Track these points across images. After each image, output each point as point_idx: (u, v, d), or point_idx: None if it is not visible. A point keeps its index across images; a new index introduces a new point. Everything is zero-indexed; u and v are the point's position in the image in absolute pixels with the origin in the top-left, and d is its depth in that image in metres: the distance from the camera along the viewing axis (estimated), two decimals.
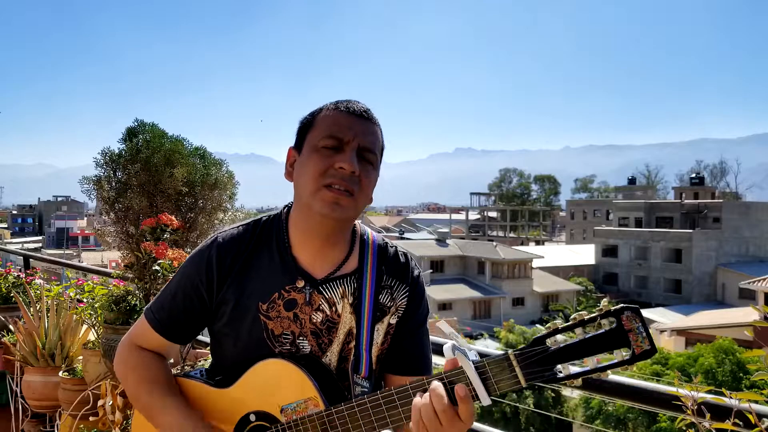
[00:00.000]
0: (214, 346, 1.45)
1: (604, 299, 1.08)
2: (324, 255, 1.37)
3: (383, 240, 1.48)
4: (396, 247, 1.47)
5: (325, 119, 1.33)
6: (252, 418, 1.33)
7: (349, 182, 1.28)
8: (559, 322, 1.09)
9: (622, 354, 1.03)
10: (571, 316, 1.07)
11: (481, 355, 1.18)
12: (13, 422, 3.23)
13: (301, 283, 1.34)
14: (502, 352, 1.11)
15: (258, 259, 1.37)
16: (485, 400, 1.09)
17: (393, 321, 1.41)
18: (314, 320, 1.34)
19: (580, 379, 1.05)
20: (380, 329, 1.38)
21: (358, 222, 1.46)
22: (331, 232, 1.35)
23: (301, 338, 1.34)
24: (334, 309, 1.35)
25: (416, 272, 1.47)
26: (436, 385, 1.11)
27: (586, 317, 1.05)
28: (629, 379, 1.68)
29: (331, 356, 1.35)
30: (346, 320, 1.36)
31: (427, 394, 1.12)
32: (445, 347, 1.12)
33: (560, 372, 1.06)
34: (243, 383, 1.33)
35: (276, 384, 1.30)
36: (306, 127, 1.36)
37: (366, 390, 1.32)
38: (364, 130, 1.32)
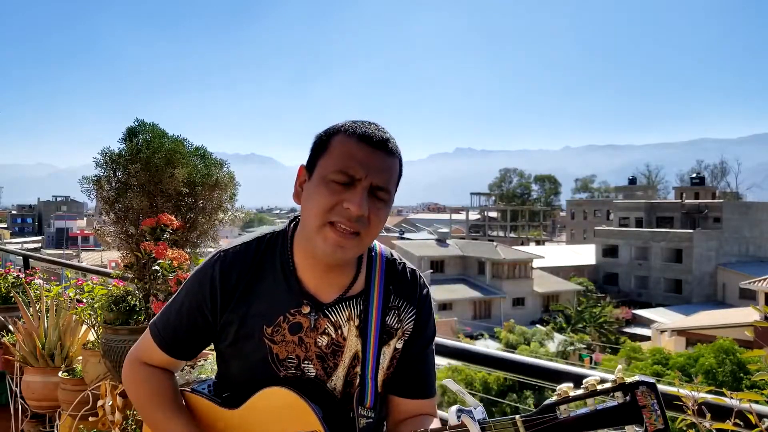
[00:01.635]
0: (218, 363, 1.44)
1: (618, 368, 1.04)
2: (330, 280, 1.33)
3: (391, 254, 1.42)
4: (404, 263, 1.43)
5: (340, 148, 1.23)
6: None
7: (356, 223, 1.21)
8: (571, 388, 1.04)
9: (634, 430, 0.99)
10: (583, 384, 1.02)
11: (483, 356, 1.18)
12: (12, 422, 3.23)
13: (306, 309, 1.31)
14: (510, 417, 1.07)
15: (262, 279, 1.33)
16: None
17: (399, 345, 1.37)
18: (319, 344, 1.31)
19: None
20: (386, 353, 1.35)
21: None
22: (336, 265, 1.31)
23: (306, 362, 1.31)
24: (339, 332, 1.32)
25: (425, 291, 1.42)
26: None
27: (599, 388, 1.01)
28: None
29: (336, 380, 1.33)
30: (352, 344, 1.33)
31: None
32: (449, 411, 1.10)
33: None
34: (248, 407, 1.31)
35: (280, 415, 1.28)
36: (319, 149, 1.27)
37: (371, 421, 1.31)
38: (379, 166, 1.23)
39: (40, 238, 70.31)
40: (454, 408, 1.11)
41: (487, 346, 24.79)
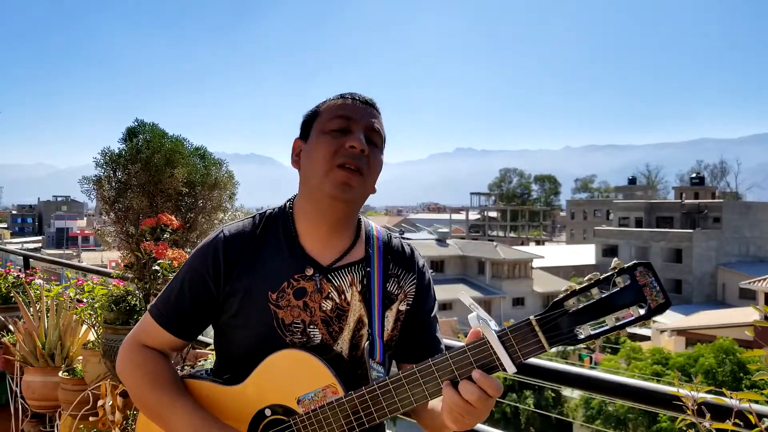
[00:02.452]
0: (219, 342, 1.43)
1: (615, 259, 1.09)
2: (331, 243, 1.38)
3: (387, 233, 1.49)
4: (400, 239, 1.50)
5: (331, 106, 1.37)
6: (267, 413, 1.30)
7: (359, 161, 1.31)
8: (575, 284, 1.08)
9: (639, 310, 1.04)
10: (586, 277, 1.08)
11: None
12: (13, 422, 3.23)
13: (310, 272, 1.34)
14: (524, 319, 1.12)
15: (265, 249, 1.37)
16: (510, 369, 1.11)
17: (402, 308, 1.42)
18: (324, 308, 1.34)
19: (600, 339, 1.07)
20: (390, 316, 1.40)
21: (362, 217, 1.48)
22: (340, 217, 1.36)
23: (311, 327, 1.33)
24: (343, 297, 1.35)
25: (421, 262, 1.48)
26: (465, 384, 1.13)
27: (601, 276, 1.06)
28: (629, 379, 1.68)
29: (342, 344, 1.35)
30: (356, 308, 1.36)
31: (456, 389, 1.14)
32: (470, 317, 1.13)
33: (581, 333, 1.07)
34: (255, 378, 1.31)
35: (290, 375, 1.28)
36: (311, 117, 1.39)
37: (381, 375, 1.33)
38: (369, 113, 1.36)
39: (40, 238, 70.28)
40: (473, 313, 1.13)
41: None
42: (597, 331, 1.06)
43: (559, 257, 47.04)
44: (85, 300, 2.81)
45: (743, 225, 44.28)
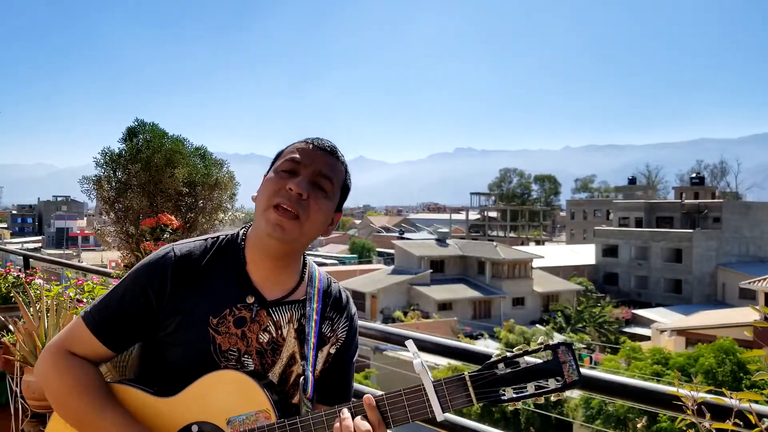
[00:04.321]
0: (146, 355, 1.43)
1: (542, 336, 1.25)
2: (275, 278, 1.42)
3: (327, 277, 1.55)
4: (338, 285, 1.56)
5: (290, 149, 1.41)
6: (194, 429, 1.30)
7: (296, 204, 1.33)
8: (506, 351, 1.24)
9: (556, 382, 1.18)
10: (515, 349, 1.23)
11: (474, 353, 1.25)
12: (12, 422, 3.23)
13: (251, 299, 1.38)
14: (459, 374, 1.23)
15: (213, 274, 1.39)
16: (439, 417, 1.20)
17: (332, 351, 1.48)
18: (261, 340, 1.38)
19: (520, 402, 1.21)
20: (320, 357, 1.45)
21: (310, 260, 1.54)
22: (280, 255, 1.40)
23: (246, 356, 1.36)
24: (280, 332, 1.40)
25: (353, 310, 1.56)
26: (358, 420, 1.22)
27: (529, 350, 1.21)
28: (629, 379, 1.68)
29: (273, 377, 1.39)
30: (290, 344, 1.41)
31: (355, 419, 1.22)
32: (415, 362, 1.23)
33: (504, 395, 1.20)
34: (188, 393, 1.30)
35: (225, 396, 1.29)
36: (277, 156, 1.44)
37: (309, 410, 1.37)
38: (324, 160, 1.39)
39: (40, 238, 70.30)
40: (418, 360, 1.23)
41: (487, 345, 24.78)
42: (519, 395, 1.19)
43: (559, 257, 47.02)
44: (85, 300, 2.81)
45: (743, 225, 44.28)
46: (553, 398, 1.19)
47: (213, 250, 1.42)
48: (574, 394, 19.40)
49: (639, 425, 16.74)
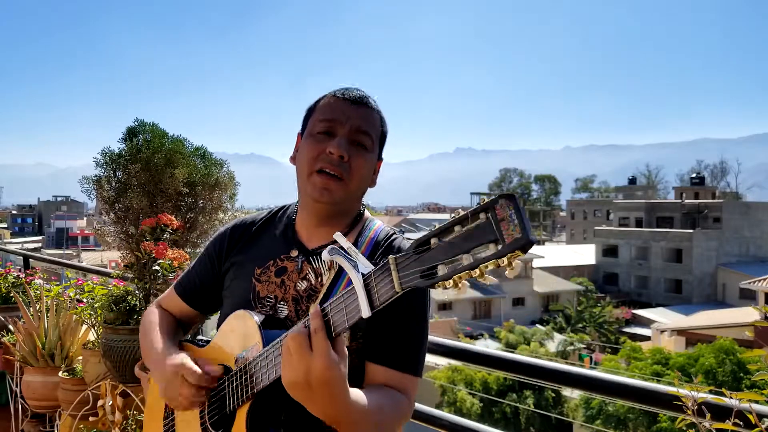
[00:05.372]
0: (220, 313, 1.51)
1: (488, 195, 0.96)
2: (320, 232, 1.43)
3: (391, 231, 1.43)
4: (404, 241, 1.41)
5: (322, 106, 1.40)
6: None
7: (338, 167, 1.33)
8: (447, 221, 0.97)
9: (496, 246, 0.90)
10: (451, 215, 0.96)
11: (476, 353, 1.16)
12: (12, 422, 3.23)
13: (294, 253, 1.42)
14: (384, 261, 1.02)
15: (265, 233, 1.50)
16: (365, 312, 1.01)
17: None
18: (298, 288, 1.38)
19: (451, 280, 0.93)
20: None
21: (369, 213, 1.47)
22: (327, 215, 1.41)
23: (281, 303, 1.38)
24: (319, 279, 1.38)
25: None
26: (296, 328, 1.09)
27: (464, 212, 0.94)
28: (629, 379, 1.68)
29: None
30: None
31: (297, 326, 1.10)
32: (324, 252, 1.09)
33: (437, 273, 0.95)
34: (215, 341, 1.39)
35: (234, 336, 1.33)
36: (308, 114, 1.43)
37: None
38: (358, 114, 1.37)
39: (40, 238, 70.29)
40: (328, 248, 1.08)
41: (487, 346, 24.78)
42: (451, 271, 0.93)
43: (559, 257, 47.00)
44: (85, 300, 2.81)
45: (743, 225, 44.27)
46: (491, 267, 0.91)
47: (268, 216, 1.53)
48: (574, 394, 19.39)
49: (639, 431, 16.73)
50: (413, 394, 1.32)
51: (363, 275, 1.03)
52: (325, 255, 1.09)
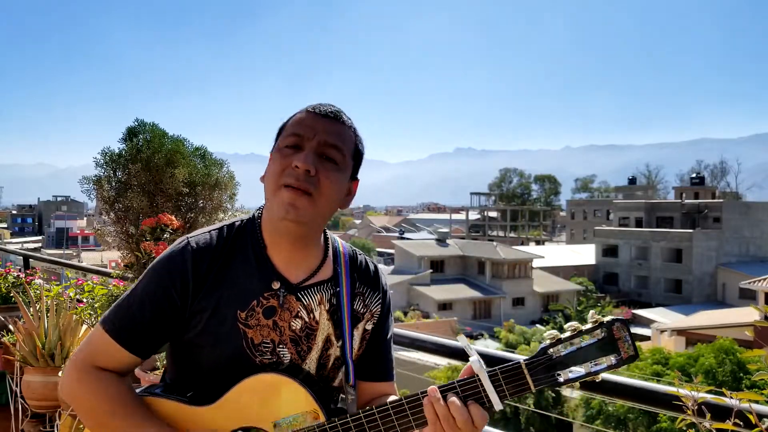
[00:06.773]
0: (178, 359, 1.35)
1: (592, 311, 1.24)
2: (298, 259, 1.35)
3: (352, 249, 1.48)
4: (365, 256, 1.50)
5: (292, 121, 1.33)
6: None
7: (305, 182, 1.25)
8: (559, 333, 1.23)
9: (611, 359, 1.18)
10: (568, 326, 1.21)
11: (483, 356, 1.27)
12: (12, 422, 3.23)
13: (276, 285, 1.31)
14: (515, 361, 1.22)
15: (233, 263, 1.31)
16: (497, 406, 1.21)
17: (369, 327, 1.42)
18: (293, 327, 1.31)
19: (578, 383, 1.21)
20: (356, 335, 1.39)
21: (331, 234, 1.45)
22: (299, 236, 1.32)
23: (281, 346, 1.30)
24: (312, 316, 1.33)
25: (384, 281, 1.50)
26: (454, 399, 1.20)
27: (583, 329, 1.19)
28: (629, 379, 1.68)
29: (310, 363, 1.33)
30: (324, 327, 1.35)
31: (445, 403, 1.19)
32: (471, 360, 1.23)
33: (561, 377, 1.19)
34: (228, 399, 1.25)
35: (268, 398, 1.24)
36: (280, 131, 1.36)
37: (354, 398, 1.36)
38: (327, 128, 1.29)
39: (40, 238, 70.28)
40: (475, 357, 1.22)
41: (487, 346, 24.78)
42: (575, 375, 1.19)
43: (559, 257, 47.02)
44: (85, 300, 2.81)
45: (743, 225, 44.28)
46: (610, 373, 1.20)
47: (231, 238, 1.34)
48: (574, 394, 19.39)
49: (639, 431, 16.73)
50: None
51: (489, 373, 1.21)
52: (475, 366, 1.22)
